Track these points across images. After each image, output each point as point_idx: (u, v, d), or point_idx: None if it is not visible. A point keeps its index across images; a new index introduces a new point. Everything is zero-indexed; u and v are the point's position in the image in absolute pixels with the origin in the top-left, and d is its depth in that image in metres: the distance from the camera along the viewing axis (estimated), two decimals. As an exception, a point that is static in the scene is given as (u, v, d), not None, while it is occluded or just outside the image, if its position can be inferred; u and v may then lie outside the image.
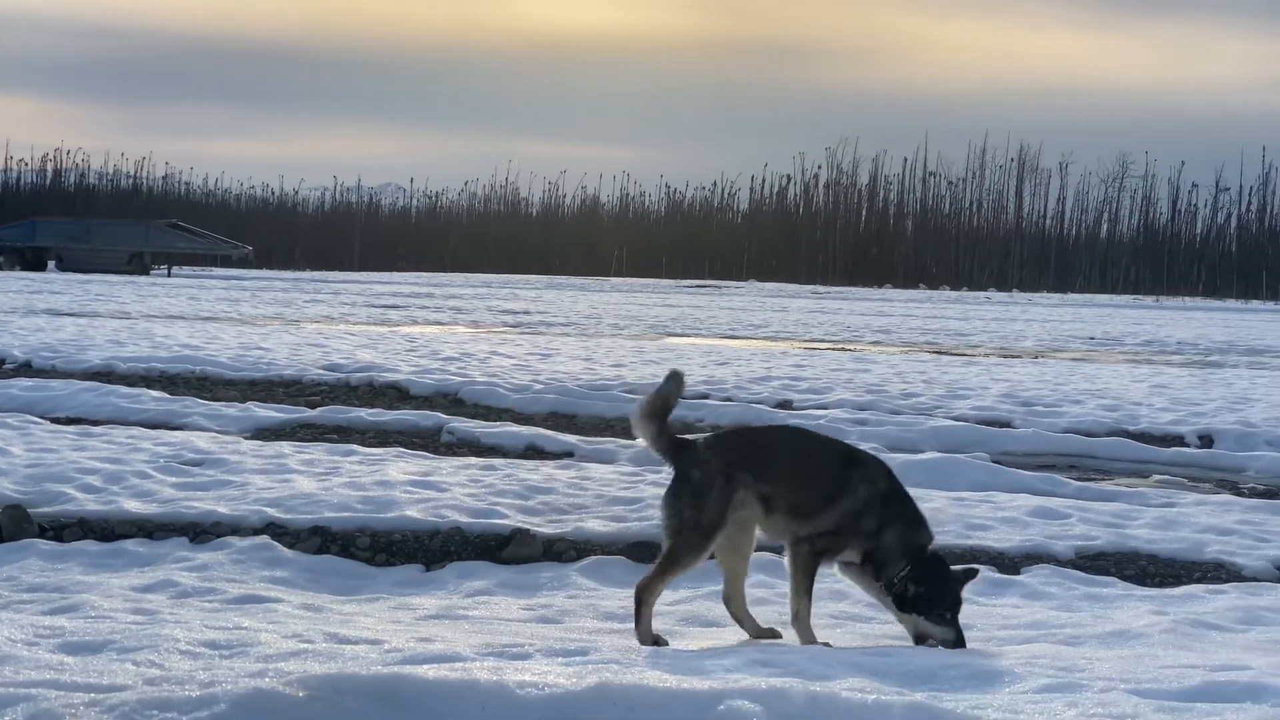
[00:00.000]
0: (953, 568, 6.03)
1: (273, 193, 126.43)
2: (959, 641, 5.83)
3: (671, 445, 5.96)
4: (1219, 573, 8.21)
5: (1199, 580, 8.04)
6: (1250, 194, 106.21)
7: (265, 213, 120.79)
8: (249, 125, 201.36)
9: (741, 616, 6.11)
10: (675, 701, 4.25)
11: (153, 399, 14.47)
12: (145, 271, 71.55)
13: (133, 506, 8.76)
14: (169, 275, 70.77)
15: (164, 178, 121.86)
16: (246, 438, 12.27)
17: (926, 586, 5.85)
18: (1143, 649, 6.07)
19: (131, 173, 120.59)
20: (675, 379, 6.01)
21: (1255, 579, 8.05)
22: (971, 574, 6.12)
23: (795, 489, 5.93)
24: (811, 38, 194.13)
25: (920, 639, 5.91)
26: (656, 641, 5.86)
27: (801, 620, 5.96)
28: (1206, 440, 14.51)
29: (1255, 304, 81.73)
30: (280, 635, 5.65)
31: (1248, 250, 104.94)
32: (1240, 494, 11.42)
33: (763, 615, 6.31)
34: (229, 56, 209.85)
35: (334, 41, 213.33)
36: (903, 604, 5.91)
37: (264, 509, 8.75)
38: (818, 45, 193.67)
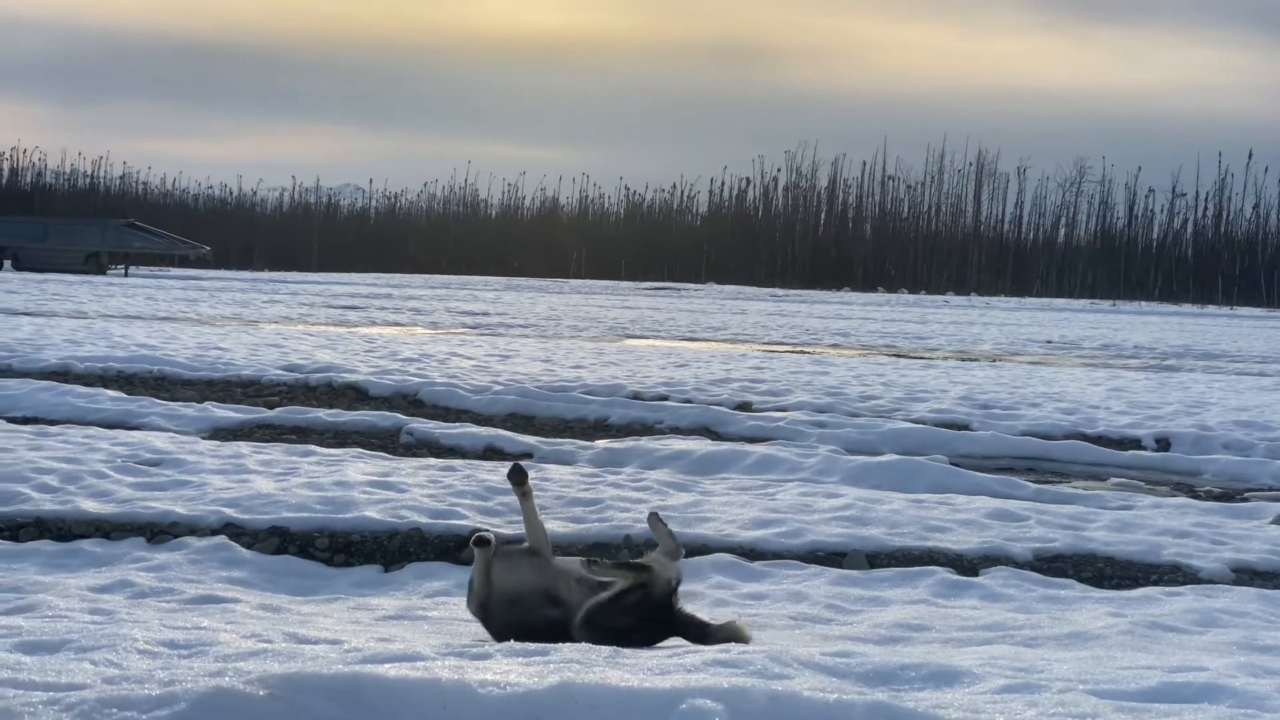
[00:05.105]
0: None
1: (231, 193, 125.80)
2: None
3: None
4: (1175, 575, 8.26)
5: (1156, 582, 8.08)
6: (1206, 199, 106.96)
7: (223, 213, 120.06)
8: (207, 125, 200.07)
9: None
10: (637, 700, 4.25)
11: (110, 399, 14.38)
12: (102, 271, 71.04)
13: (89, 506, 8.70)
14: (126, 275, 70.26)
15: (121, 177, 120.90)
16: (204, 438, 12.20)
17: None
18: (1101, 650, 6.11)
19: (88, 172, 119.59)
20: None
21: (1211, 581, 8.10)
22: None
23: None
24: (770, 40, 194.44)
25: None
26: None
27: None
28: (1163, 443, 14.60)
29: (1211, 309, 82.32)
30: (239, 635, 5.61)
31: (1203, 255, 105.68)
32: (1197, 497, 11.49)
33: (723, 616, 6.31)
34: (187, 55, 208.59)
35: (293, 41, 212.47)
36: None
37: (222, 509, 8.70)
38: (776, 47, 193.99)
